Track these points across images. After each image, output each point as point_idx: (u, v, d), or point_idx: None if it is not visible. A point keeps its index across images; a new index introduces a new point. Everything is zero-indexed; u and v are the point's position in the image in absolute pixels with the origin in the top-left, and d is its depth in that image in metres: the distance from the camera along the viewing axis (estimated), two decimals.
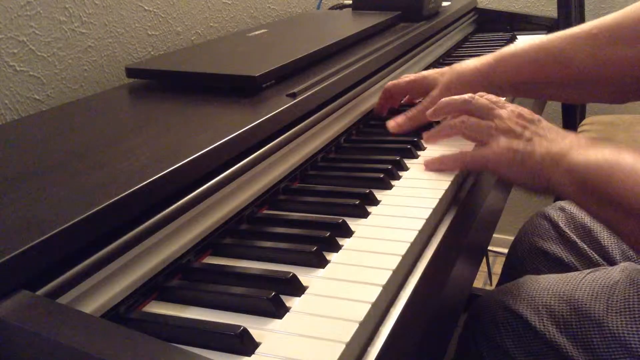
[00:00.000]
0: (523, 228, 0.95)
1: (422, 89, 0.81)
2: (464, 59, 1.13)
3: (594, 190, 0.53)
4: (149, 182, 0.47)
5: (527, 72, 0.76)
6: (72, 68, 0.87)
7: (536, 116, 0.62)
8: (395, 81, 0.83)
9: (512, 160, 0.59)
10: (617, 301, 0.64)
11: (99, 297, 0.43)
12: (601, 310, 0.64)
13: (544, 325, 0.66)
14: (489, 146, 0.61)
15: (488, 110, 0.63)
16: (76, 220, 0.41)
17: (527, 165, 0.58)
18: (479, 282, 1.78)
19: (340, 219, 0.55)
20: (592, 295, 0.66)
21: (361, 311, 0.42)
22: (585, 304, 0.65)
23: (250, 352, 0.39)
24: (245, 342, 0.40)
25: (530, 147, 0.58)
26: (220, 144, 0.54)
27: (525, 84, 0.78)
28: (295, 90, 0.68)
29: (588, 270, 0.72)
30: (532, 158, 0.57)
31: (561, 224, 0.86)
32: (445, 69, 0.81)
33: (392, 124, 0.77)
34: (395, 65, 0.94)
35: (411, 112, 0.77)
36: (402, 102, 0.87)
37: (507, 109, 0.63)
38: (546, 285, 0.71)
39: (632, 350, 0.60)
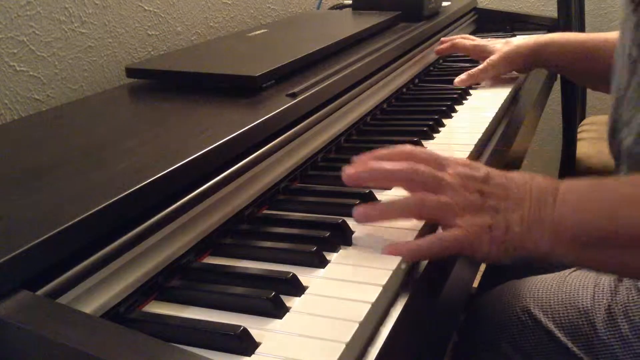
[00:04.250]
0: None
1: (484, 54, 1.00)
2: (463, 59, 1.14)
3: (594, 236, 0.47)
4: (149, 182, 0.47)
5: (571, 60, 0.94)
6: (72, 68, 0.87)
7: (482, 170, 0.53)
8: (462, 41, 1.05)
9: (489, 239, 0.49)
10: (603, 289, 0.65)
11: (99, 297, 0.43)
12: (587, 299, 0.65)
13: (533, 318, 0.68)
14: (456, 228, 0.50)
15: (437, 182, 0.52)
16: (76, 220, 0.41)
17: (506, 240, 0.49)
18: (478, 282, 1.78)
19: (340, 219, 0.55)
20: (579, 284, 0.67)
21: (361, 311, 0.42)
22: (572, 293, 0.67)
23: (250, 352, 0.39)
24: (245, 342, 0.40)
25: (502, 218, 0.50)
26: (220, 144, 0.54)
27: (566, 68, 1.00)
28: (295, 90, 0.68)
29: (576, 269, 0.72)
30: (509, 231, 0.49)
31: None
32: (508, 39, 1.01)
33: (457, 80, 0.96)
34: (395, 65, 0.94)
35: (473, 71, 0.96)
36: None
37: (452, 173, 0.53)
38: (534, 282, 0.72)
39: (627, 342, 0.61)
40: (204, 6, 1.13)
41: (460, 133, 0.79)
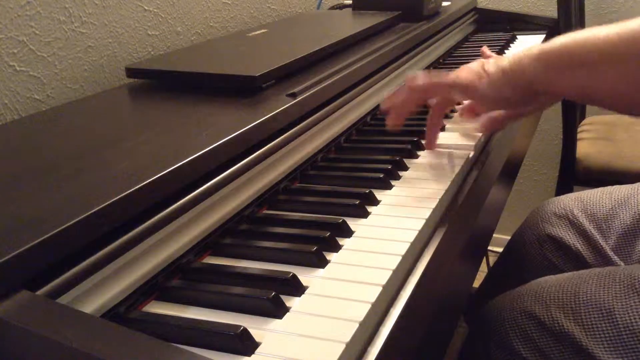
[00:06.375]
0: (531, 216, 0.94)
1: None
2: (464, 59, 1.14)
3: (556, 59, 0.62)
4: (149, 182, 0.47)
5: None
6: (72, 68, 0.87)
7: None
8: None
9: (484, 72, 0.66)
10: (623, 286, 0.65)
11: (99, 297, 0.43)
12: (609, 298, 0.65)
13: (552, 318, 0.67)
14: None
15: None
16: (76, 220, 0.41)
17: (496, 68, 0.65)
18: (479, 282, 1.78)
19: (340, 219, 0.55)
20: (599, 284, 0.67)
21: (361, 311, 0.42)
22: (593, 294, 0.66)
23: (250, 352, 0.39)
24: (245, 342, 0.40)
25: (493, 62, 0.66)
26: (220, 144, 0.54)
27: None
28: (295, 90, 0.68)
29: (592, 269, 0.72)
30: (499, 64, 0.65)
31: (577, 212, 0.86)
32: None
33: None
34: (395, 65, 0.94)
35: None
36: None
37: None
38: (551, 282, 0.72)
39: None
40: (204, 6, 1.13)
41: (461, 133, 0.79)
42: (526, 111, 0.74)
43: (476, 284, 1.09)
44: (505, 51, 1.21)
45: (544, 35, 1.34)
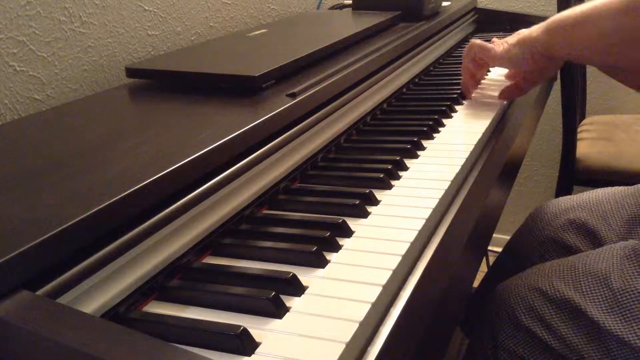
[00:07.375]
0: (530, 218, 0.95)
1: None
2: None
3: (555, 22, 0.76)
4: (149, 182, 0.47)
5: None
6: (72, 68, 0.87)
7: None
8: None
9: (503, 42, 0.84)
10: (619, 256, 0.68)
11: (99, 297, 0.43)
12: (606, 267, 0.68)
13: (553, 288, 0.70)
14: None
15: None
16: (76, 220, 0.41)
17: (517, 42, 0.81)
18: (478, 282, 1.78)
19: (340, 219, 0.55)
20: (597, 258, 0.71)
21: (361, 311, 0.42)
22: (591, 265, 0.70)
23: (250, 352, 0.39)
24: (245, 342, 0.40)
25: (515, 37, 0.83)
26: (220, 143, 0.54)
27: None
28: (295, 90, 0.68)
29: (591, 250, 0.75)
30: (517, 36, 0.82)
31: (578, 212, 0.87)
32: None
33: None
34: (395, 65, 0.94)
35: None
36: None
37: None
38: (553, 262, 0.75)
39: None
40: (204, 6, 1.13)
41: (461, 133, 0.79)
42: (536, 76, 0.86)
43: (476, 284, 1.09)
44: None
45: None
